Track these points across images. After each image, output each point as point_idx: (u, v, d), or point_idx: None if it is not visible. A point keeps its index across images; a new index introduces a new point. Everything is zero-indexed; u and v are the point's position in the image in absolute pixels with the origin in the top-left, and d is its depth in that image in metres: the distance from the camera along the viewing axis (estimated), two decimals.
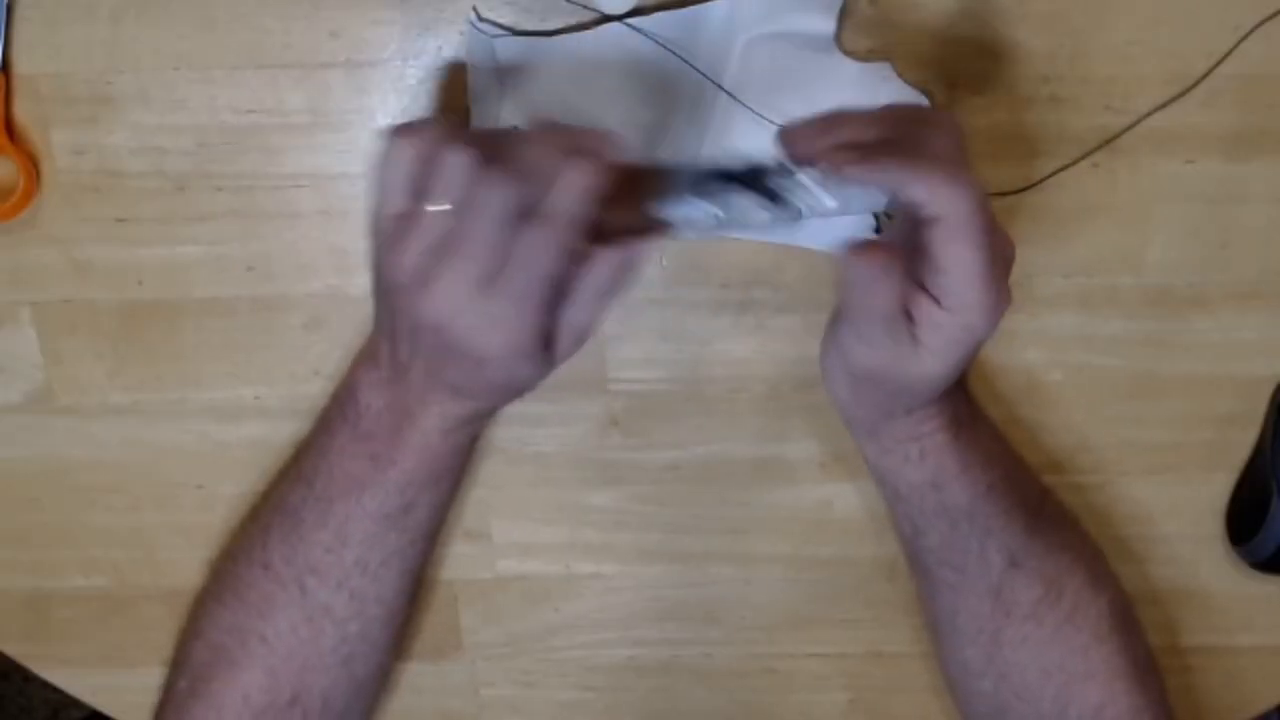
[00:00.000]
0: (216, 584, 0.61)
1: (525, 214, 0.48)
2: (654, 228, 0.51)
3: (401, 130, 0.50)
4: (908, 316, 0.50)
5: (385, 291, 0.52)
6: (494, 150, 0.49)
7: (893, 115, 0.51)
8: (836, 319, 0.55)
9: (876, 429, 0.59)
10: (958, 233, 0.47)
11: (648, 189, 0.51)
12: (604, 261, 0.50)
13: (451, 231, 0.49)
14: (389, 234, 0.50)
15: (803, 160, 0.50)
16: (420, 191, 0.49)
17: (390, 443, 0.56)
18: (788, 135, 0.50)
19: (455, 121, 0.53)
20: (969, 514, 0.58)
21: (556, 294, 0.50)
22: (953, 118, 0.51)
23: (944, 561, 0.60)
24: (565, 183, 0.48)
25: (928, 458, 0.57)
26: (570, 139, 0.49)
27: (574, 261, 0.49)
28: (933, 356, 0.51)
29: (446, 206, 0.49)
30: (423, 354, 0.53)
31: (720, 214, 0.51)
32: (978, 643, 0.60)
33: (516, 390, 0.55)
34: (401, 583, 0.60)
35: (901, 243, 0.50)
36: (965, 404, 0.59)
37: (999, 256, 0.49)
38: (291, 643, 0.59)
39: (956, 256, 0.48)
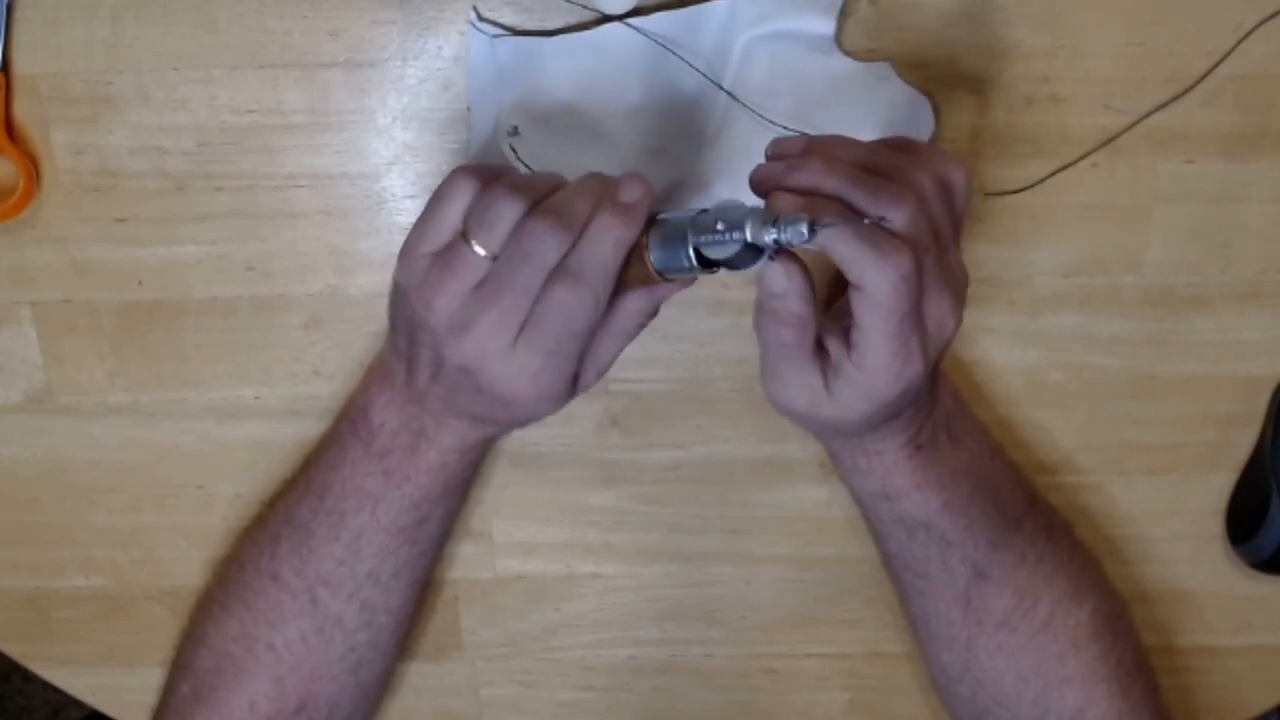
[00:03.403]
0: (222, 591, 0.61)
1: (562, 268, 0.48)
2: (656, 274, 0.50)
3: (463, 170, 0.50)
4: (822, 361, 0.50)
5: (410, 323, 0.52)
6: (538, 199, 0.49)
7: (875, 151, 0.49)
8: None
9: (823, 437, 0.59)
10: (873, 305, 0.46)
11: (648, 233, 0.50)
12: (631, 307, 0.51)
13: (491, 279, 0.49)
14: (425, 270, 0.50)
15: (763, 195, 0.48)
16: (466, 232, 0.49)
17: (405, 461, 0.56)
18: (757, 175, 0.48)
19: (504, 168, 0.53)
20: (925, 525, 0.57)
21: (587, 342, 0.51)
22: (940, 159, 0.49)
23: (907, 567, 0.60)
24: (598, 235, 0.48)
25: (875, 473, 0.57)
26: (603, 188, 0.49)
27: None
28: (840, 407, 0.50)
29: (484, 253, 0.49)
30: (444, 385, 0.53)
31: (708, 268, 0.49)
32: (953, 650, 0.60)
33: (535, 420, 0.55)
34: (410, 592, 0.61)
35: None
36: (927, 428, 0.56)
37: (917, 328, 0.48)
38: (300, 652, 0.59)
39: (869, 324, 0.47)
